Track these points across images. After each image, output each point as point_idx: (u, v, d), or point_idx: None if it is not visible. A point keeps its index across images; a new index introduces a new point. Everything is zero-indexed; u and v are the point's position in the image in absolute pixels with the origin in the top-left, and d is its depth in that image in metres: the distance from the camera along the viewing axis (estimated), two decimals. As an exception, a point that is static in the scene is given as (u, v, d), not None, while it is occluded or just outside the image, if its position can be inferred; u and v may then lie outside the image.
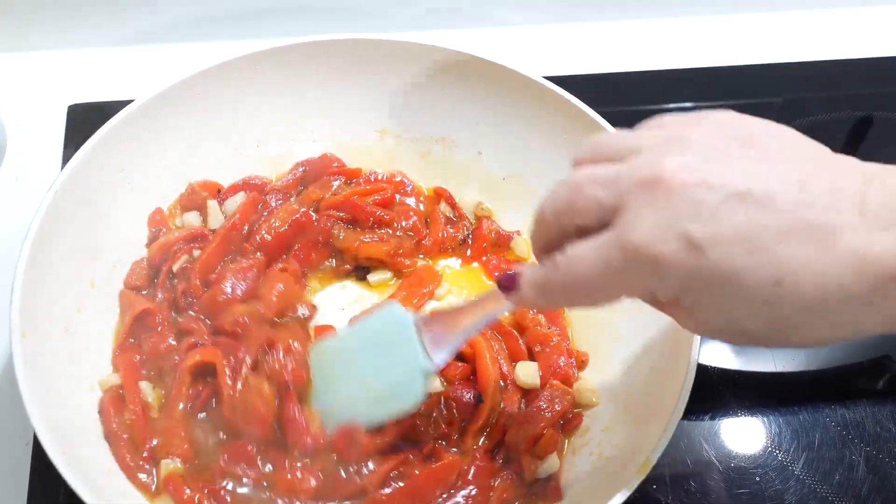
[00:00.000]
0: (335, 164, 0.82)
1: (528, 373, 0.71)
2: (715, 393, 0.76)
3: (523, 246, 0.81)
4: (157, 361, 0.70)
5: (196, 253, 0.75)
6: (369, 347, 0.61)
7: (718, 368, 0.78)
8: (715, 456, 0.73)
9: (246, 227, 0.77)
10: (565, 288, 0.47)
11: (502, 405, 0.69)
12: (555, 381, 0.70)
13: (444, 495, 0.65)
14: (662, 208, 0.43)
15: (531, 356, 0.73)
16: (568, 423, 0.70)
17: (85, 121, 0.87)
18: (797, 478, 0.72)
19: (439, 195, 0.83)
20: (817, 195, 0.43)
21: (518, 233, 0.81)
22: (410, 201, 0.82)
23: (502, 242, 0.81)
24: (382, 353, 0.60)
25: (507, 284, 0.51)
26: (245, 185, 0.81)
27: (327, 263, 0.78)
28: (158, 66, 0.97)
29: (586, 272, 0.46)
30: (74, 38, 0.98)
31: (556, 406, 0.69)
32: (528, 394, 0.71)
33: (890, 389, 0.78)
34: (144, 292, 0.74)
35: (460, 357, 0.71)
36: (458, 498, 0.65)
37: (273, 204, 0.79)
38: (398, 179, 0.83)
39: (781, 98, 0.98)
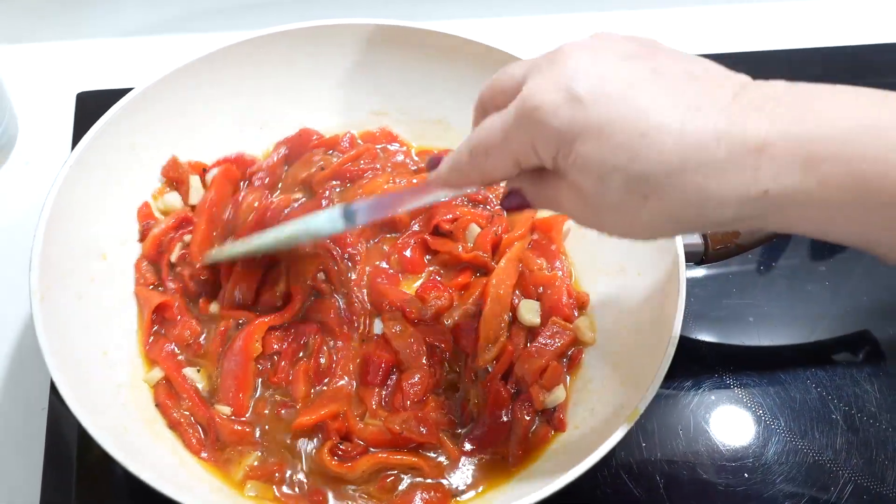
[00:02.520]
0: (315, 137, 0.84)
1: (529, 309, 0.75)
2: (701, 364, 0.79)
3: None
4: (191, 347, 0.73)
5: (188, 238, 0.77)
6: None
7: (705, 342, 0.81)
8: (700, 416, 0.75)
9: (230, 211, 0.78)
10: (471, 153, 0.51)
11: (507, 335, 0.73)
12: (556, 318, 0.74)
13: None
14: (555, 72, 0.47)
15: (537, 297, 0.77)
16: (570, 360, 0.74)
17: (93, 107, 0.89)
18: (779, 435, 0.75)
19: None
20: (702, 76, 0.47)
21: None
22: (396, 147, 0.86)
23: None
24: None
25: (433, 163, 0.56)
26: (226, 160, 0.82)
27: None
28: (165, 55, 0.99)
29: (486, 133, 0.50)
30: (83, 30, 1.01)
31: (558, 340, 0.73)
32: (531, 332, 0.74)
33: (868, 360, 0.81)
34: (161, 288, 0.76)
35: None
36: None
37: (257, 183, 0.80)
38: (385, 133, 0.86)
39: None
